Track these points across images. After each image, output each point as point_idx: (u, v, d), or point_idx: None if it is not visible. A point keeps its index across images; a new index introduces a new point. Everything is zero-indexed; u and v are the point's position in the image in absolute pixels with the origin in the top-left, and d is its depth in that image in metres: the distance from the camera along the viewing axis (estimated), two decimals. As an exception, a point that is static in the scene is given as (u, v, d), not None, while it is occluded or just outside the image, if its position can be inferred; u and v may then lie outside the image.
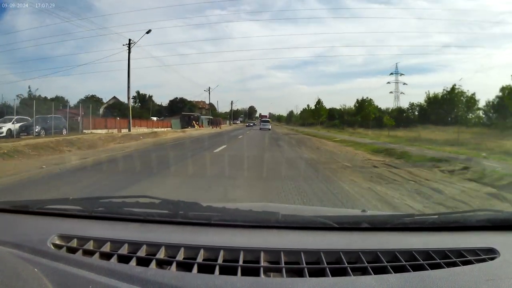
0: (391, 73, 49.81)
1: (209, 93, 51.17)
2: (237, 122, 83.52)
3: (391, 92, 49.72)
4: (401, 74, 49.45)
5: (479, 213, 1.19)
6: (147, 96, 51.04)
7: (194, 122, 43.47)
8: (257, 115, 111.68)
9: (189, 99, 56.77)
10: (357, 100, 42.45)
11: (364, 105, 43.41)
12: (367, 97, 41.38)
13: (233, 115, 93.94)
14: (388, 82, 47.49)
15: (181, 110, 48.59)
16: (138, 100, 49.47)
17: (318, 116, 46.03)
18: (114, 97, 47.14)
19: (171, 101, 53.89)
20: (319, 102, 46.94)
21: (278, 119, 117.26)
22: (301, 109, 76.50)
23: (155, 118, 41.31)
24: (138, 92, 50.26)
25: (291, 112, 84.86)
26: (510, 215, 1.12)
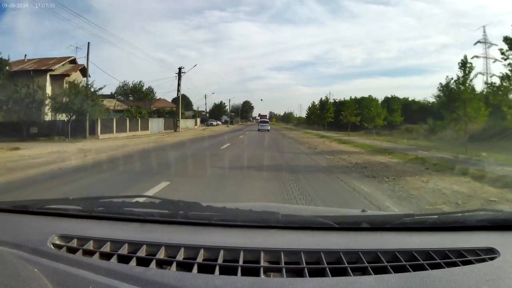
0: (478, 42, 29.13)
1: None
2: (215, 123, 54.14)
3: (478, 74, 23.61)
4: (491, 45, 27.96)
5: (479, 213, 1.19)
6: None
7: None
8: (255, 114, 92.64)
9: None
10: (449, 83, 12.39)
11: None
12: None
13: (216, 111, 65.42)
14: (475, 56, 27.24)
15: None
16: None
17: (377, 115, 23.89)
18: None
19: None
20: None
21: (284, 119, 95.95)
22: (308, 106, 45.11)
23: None
24: None
25: (323, 103, 41.01)
26: (510, 215, 1.12)
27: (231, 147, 13.84)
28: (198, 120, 48.07)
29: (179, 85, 32.56)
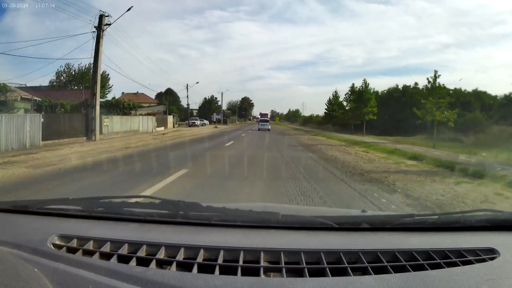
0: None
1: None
2: (198, 122, 40.49)
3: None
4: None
5: (479, 213, 1.19)
6: None
7: None
8: (255, 113, 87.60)
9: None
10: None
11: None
12: None
13: (206, 107, 52.76)
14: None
15: None
16: None
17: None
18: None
19: None
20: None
21: (289, 118, 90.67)
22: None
23: None
24: None
25: (360, 92, 26.81)
26: (510, 215, 1.12)
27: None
28: (171, 117, 32.73)
29: (97, 48, 15.90)
